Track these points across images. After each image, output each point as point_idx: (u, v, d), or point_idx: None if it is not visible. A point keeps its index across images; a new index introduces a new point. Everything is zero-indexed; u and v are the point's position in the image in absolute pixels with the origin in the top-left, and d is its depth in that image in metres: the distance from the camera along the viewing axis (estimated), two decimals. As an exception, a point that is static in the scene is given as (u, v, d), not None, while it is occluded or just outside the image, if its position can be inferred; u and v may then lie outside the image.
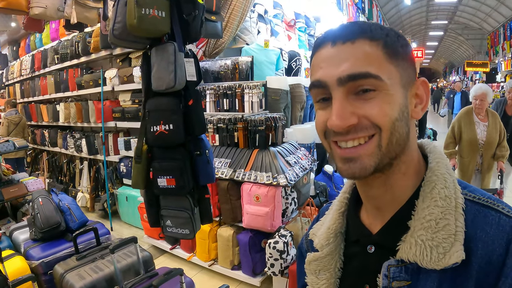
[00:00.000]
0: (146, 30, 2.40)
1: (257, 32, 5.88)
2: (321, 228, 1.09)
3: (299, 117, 5.82)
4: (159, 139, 2.59)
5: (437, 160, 0.93)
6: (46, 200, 3.50)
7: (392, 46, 0.86)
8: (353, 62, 0.82)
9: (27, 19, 4.26)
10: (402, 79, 0.86)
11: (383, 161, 0.85)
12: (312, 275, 1.07)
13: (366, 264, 0.96)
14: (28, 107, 9.25)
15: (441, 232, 0.82)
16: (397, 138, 0.84)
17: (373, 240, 0.95)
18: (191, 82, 2.62)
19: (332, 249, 1.04)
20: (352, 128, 0.83)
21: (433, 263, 0.81)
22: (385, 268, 0.88)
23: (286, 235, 3.93)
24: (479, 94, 5.29)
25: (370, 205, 0.99)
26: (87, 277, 2.80)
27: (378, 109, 0.82)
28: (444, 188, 0.87)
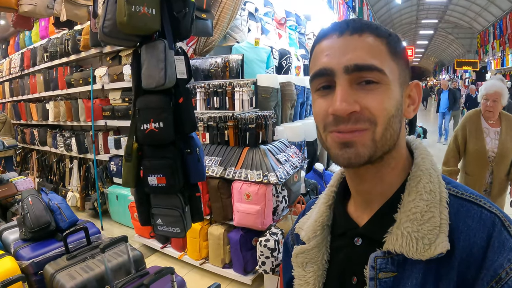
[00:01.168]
0: (136, 28, 2.38)
1: (248, 30, 5.88)
2: (307, 221, 1.11)
3: (290, 115, 5.83)
4: (149, 137, 2.58)
5: (422, 156, 0.96)
6: (36, 200, 3.47)
7: (394, 45, 0.89)
8: (360, 53, 0.85)
9: (16, 16, 4.22)
10: (400, 77, 0.90)
11: (377, 153, 0.87)
12: (299, 268, 1.08)
13: (353, 256, 0.97)
14: (18, 106, 9.16)
15: (426, 224, 0.85)
16: (391, 133, 0.87)
17: (360, 232, 0.97)
18: (181, 80, 2.61)
19: (319, 242, 1.05)
20: (354, 115, 0.84)
21: (419, 254, 0.83)
22: (372, 260, 0.89)
23: (277, 233, 3.93)
24: (491, 93, 4.00)
25: (359, 198, 1.01)
26: (77, 277, 2.78)
27: (378, 102, 0.85)
28: (429, 182, 0.90)
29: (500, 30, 23.39)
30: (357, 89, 0.85)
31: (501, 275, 0.77)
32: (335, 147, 0.88)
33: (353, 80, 0.85)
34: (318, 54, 0.91)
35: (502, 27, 23.10)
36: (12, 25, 4.56)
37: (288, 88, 5.60)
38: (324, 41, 0.90)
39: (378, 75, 0.84)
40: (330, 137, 0.89)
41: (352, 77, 0.85)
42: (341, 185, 1.10)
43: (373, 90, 0.85)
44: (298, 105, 6.18)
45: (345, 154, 0.87)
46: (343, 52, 0.86)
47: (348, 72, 0.84)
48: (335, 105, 0.84)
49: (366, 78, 0.84)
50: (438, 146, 12.88)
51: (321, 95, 0.91)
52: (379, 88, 0.85)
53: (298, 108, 6.23)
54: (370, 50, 0.85)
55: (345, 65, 0.84)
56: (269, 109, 4.93)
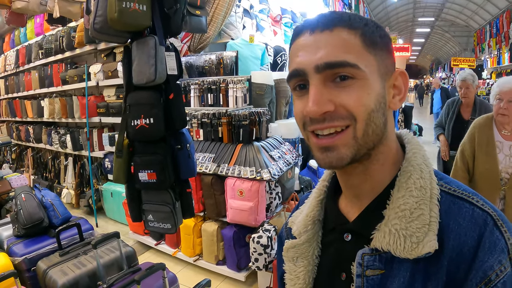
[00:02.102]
0: (127, 24, 2.38)
1: (243, 27, 5.85)
2: (299, 215, 1.10)
3: (284, 112, 5.81)
4: (140, 133, 2.59)
5: (414, 151, 0.94)
6: (29, 196, 3.48)
7: (371, 36, 0.86)
8: (330, 50, 0.82)
9: (10, 13, 4.22)
10: (379, 68, 0.87)
11: (360, 151, 0.86)
12: (290, 262, 1.07)
13: (343, 252, 0.96)
14: (13, 103, 9.16)
15: (415, 221, 0.83)
16: (373, 129, 0.85)
17: (349, 228, 0.96)
18: (172, 76, 2.62)
19: (310, 237, 1.04)
20: (328, 115, 0.83)
21: (406, 252, 0.82)
22: (359, 257, 0.88)
23: (270, 229, 3.94)
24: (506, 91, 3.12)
25: (349, 194, 1.00)
26: (70, 273, 2.80)
27: (355, 98, 0.82)
28: (420, 178, 0.88)
29: (497, 29, 23.39)
30: (332, 87, 0.83)
31: (490, 276, 0.76)
32: (317, 150, 0.88)
33: (326, 78, 0.83)
34: (293, 53, 0.89)
35: (498, 25, 23.10)
36: (6, 22, 4.56)
37: (283, 85, 5.57)
38: (298, 39, 0.89)
39: (352, 70, 0.82)
40: (311, 140, 0.89)
41: (324, 76, 0.83)
42: (333, 180, 1.09)
43: (349, 87, 0.83)
44: (292, 102, 6.13)
45: (326, 158, 0.86)
46: (313, 51, 0.84)
47: (319, 71, 0.83)
48: (307, 107, 0.83)
49: (340, 74, 0.82)
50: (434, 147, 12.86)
51: (298, 96, 0.90)
52: (355, 84, 0.82)
53: (293, 105, 6.17)
54: (342, 45, 0.83)
55: (315, 64, 0.83)
56: (263, 106, 4.91)
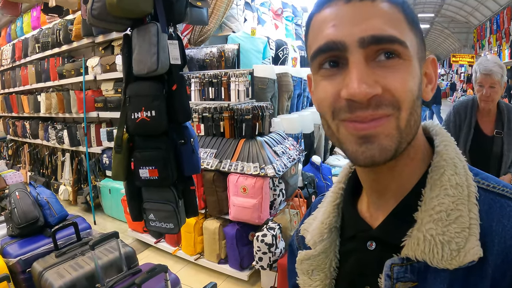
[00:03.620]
0: (127, 10, 2.25)
1: (244, 20, 5.81)
2: (313, 223, 0.97)
3: (286, 106, 5.75)
4: (141, 126, 2.46)
5: (445, 143, 0.80)
6: (24, 194, 3.37)
7: (411, 14, 0.73)
8: (376, 22, 0.68)
9: (3, 1, 4.11)
10: (418, 51, 0.74)
11: (402, 145, 0.72)
12: (304, 275, 0.95)
13: (366, 262, 0.83)
14: (9, 98, 9.08)
15: (453, 225, 0.70)
16: (415, 119, 0.73)
17: (374, 235, 0.82)
18: (175, 66, 2.48)
19: (327, 246, 0.91)
20: (374, 100, 0.68)
21: (445, 262, 0.68)
22: (388, 268, 0.75)
23: (275, 227, 3.83)
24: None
25: (373, 195, 0.86)
26: (66, 275, 2.70)
27: (401, 82, 0.69)
28: (455, 174, 0.75)
29: (497, 25, 23.32)
30: (375, 67, 0.69)
31: None
32: (353, 142, 0.72)
33: (369, 56, 0.69)
34: (320, 25, 0.74)
35: (499, 22, 23.04)
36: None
37: (285, 79, 5.51)
38: (327, 9, 0.73)
39: (400, 48, 0.69)
40: (344, 128, 0.72)
41: (368, 52, 0.69)
42: (349, 181, 0.95)
43: (395, 67, 0.69)
44: (295, 97, 6.11)
45: (367, 151, 0.70)
46: (355, 22, 0.69)
47: (364, 46, 0.68)
48: (351, 88, 0.67)
49: (385, 51, 0.69)
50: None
51: (327, 76, 0.74)
52: (402, 65, 0.69)
53: (295, 99, 6.15)
54: (388, 18, 0.69)
55: (360, 37, 0.68)
56: (265, 100, 4.83)
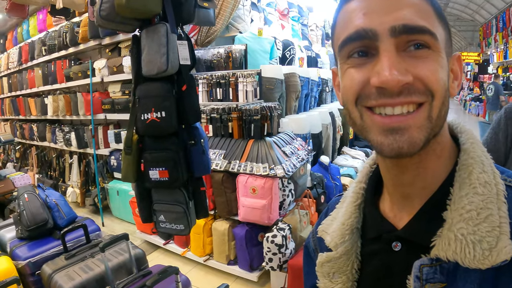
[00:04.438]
0: (136, 10, 2.24)
1: (250, 20, 5.78)
2: (332, 224, 0.95)
3: (294, 107, 5.72)
4: (151, 127, 2.44)
5: (471, 141, 0.79)
6: (32, 196, 3.36)
7: (439, 7, 0.74)
8: (407, 12, 0.68)
9: (10, 3, 4.11)
10: (446, 46, 0.74)
11: (430, 136, 0.71)
12: (325, 278, 0.93)
13: (391, 264, 0.81)
14: (16, 101, 9.11)
15: (483, 224, 0.68)
16: (446, 110, 0.73)
17: (400, 236, 0.80)
18: (184, 66, 2.46)
19: (348, 248, 0.89)
20: (406, 88, 0.68)
21: (477, 262, 0.67)
22: (417, 269, 0.73)
23: (285, 228, 3.80)
24: None
25: (397, 194, 0.84)
26: (76, 278, 2.68)
27: (433, 71, 0.69)
28: (483, 172, 0.73)
29: (503, 23, 23.20)
30: (405, 57, 0.69)
31: None
32: (378, 132, 0.71)
33: (400, 46, 0.69)
34: (350, 13, 0.73)
35: (505, 19, 22.93)
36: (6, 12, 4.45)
37: (293, 79, 5.48)
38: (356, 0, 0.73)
39: (430, 39, 0.68)
40: (370, 117, 0.72)
41: (399, 41, 0.68)
42: (370, 180, 0.94)
43: (425, 58, 0.69)
44: (303, 97, 6.07)
45: (395, 143, 0.69)
46: (386, 10, 0.69)
47: (395, 35, 0.68)
48: (383, 76, 0.67)
49: (416, 42, 0.68)
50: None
51: (356, 65, 0.73)
52: (431, 55, 0.69)
53: (303, 100, 6.12)
54: (418, 9, 0.69)
55: (391, 25, 0.68)
56: (273, 101, 4.80)
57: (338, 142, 7.30)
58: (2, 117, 10.35)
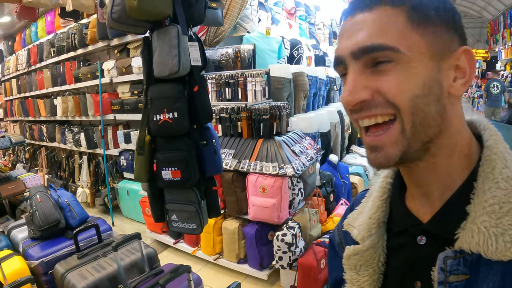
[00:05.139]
0: (147, 12, 2.25)
1: (258, 20, 5.77)
2: (359, 218, 0.97)
3: (303, 106, 5.73)
4: (163, 128, 2.46)
5: (494, 138, 0.81)
6: (45, 197, 3.38)
7: (421, 10, 0.75)
8: (367, 32, 0.75)
9: (20, 7, 4.14)
10: (432, 48, 0.75)
11: (412, 147, 0.76)
12: (351, 271, 0.94)
13: (416, 257, 0.83)
14: (25, 103, 9.15)
15: (506, 217, 0.71)
16: (421, 119, 0.75)
17: (424, 230, 0.83)
18: (195, 67, 2.48)
19: (375, 241, 0.91)
20: (365, 104, 0.76)
21: (499, 254, 0.69)
22: (441, 261, 0.75)
23: (294, 227, 3.82)
24: None
25: (417, 192, 0.87)
26: (89, 277, 2.68)
27: (393, 84, 0.74)
28: (505, 168, 0.75)
29: (511, 19, 23.04)
30: (370, 73, 0.76)
31: None
32: (366, 148, 0.82)
33: (366, 65, 0.76)
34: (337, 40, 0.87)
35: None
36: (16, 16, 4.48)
37: (301, 78, 5.49)
38: (342, 24, 0.82)
39: (391, 54, 0.73)
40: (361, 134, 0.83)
41: (363, 62, 0.76)
42: (397, 176, 0.96)
43: (388, 71, 0.74)
44: (311, 96, 6.07)
45: (375, 159, 0.79)
46: (350, 35, 0.77)
47: (356, 57, 0.76)
48: (342, 97, 0.79)
49: (379, 59, 0.74)
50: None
51: (343, 84, 0.82)
52: (395, 68, 0.73)
53: (311, 98, 6.12)
54: (380, 26, 0.74)
55: (351, 50, 0.76)
56: (282, 100, 4.82)
57: (347, 140, 7.32)
58: (11, 118, 10.40)
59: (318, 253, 3.72)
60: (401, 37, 0.73)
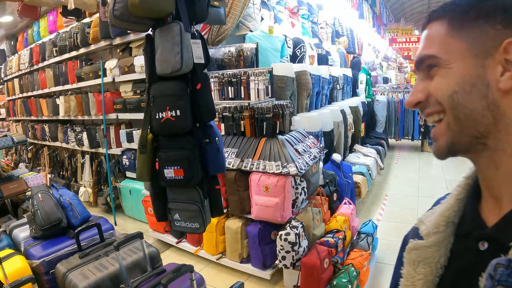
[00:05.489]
0: (149, 10, 2.22)
1: (261, 19, 5.76)
2: (432, 215, 0.95)
3: (305, 105, 5.72)
4: (165, 126, 2.42)
5: None
6: (46, 196, 3.37)
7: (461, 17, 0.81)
8: (421, 47, 0.88)
9: (22, 5, 4.12)
10: (473, 48, 0.78)
11: (460, 140, 0.81)
12: (409, 266, 0.92)
13: (475, 264, 0.77)
14: (28, 102, 9.14)
15: None
16: (466, 114, 0.78)
17: (487, 235, 0.78)
18: (198, 65, 2.44)
19: (440, 240, 0.88)
20: (421, 104, 0.87)
21: None
22: (492, 267, 0.68)
23: (298, 226, 3.80)
24: None
25: (486, 193, 0.85)
26: (91, 276, 2.67)
27: (437, 85, 0.83)
28: None
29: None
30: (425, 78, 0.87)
31: None
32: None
33: (423, 72, 0.87)
34: None
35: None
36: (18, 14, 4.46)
37: (304, 77, 5.47)
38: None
39: (433, 60, 0.84)
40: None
41: (421, 70, 0.88)
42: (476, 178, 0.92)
43: (433, 75, 0.84)
44: (314, 95, 6.06)
45: (433, 148, 0.89)
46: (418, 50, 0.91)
47: (417, 68, 0.90)
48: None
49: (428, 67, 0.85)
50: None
51: None
52: (437, 71, 0.83)
53: (314, 97, 6.11)
54: (428, 39, 0.87)
55: (414, 63, 0.92)
56: (284, 99, 4.80)
57: (350, 139, 7.29)
58: (14, 118, 10.40)
59: (322, 252, 3.69)
60: (441, 45, 0.82)
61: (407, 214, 6.00)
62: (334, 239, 3.97)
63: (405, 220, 5.66)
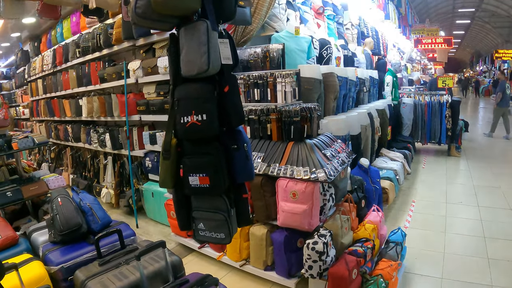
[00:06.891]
0: (173, 7, 2.10)
1: (286, 19, 5.66)
2: None
3: (333, 107, 5.60)
4: (191, 131, 2.29)
5: None
6: (66, 200, 3.28)
7: None
8: None
9: (41, 5, 4.07)
10: None
11: None
12: None
13: None
14: (51, 103, 9.22)
15: None
16: None
17: None
18: (226, 66, 2.31)
19: None
20: None
21: None
22: None
23: (326, 235, 3.66)
24: None
25: None
26: (110, 286, 2.56)
27: None
28: None
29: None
30: None
31: None
32: None
33: None
34: None
35: (543, 14, 22.38)
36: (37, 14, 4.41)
37: (331, 79, 5.35)
38: None
39: None
40: None
41: None
42: None
43: None
44: (341, 97, 5.94)
45: None
46: None
47: None
48: None
49: None
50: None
51: None
52: None
53: (341, 100, 5.99)
54: None
55: None
56: (312, 101, 4.67)
57: (377, 143, 7.14)
58: (37, 118, 10.51)
59: (350, 262, 3.55)
60: None
61: (436, 221, 5.79)
62: (363, 249, 3.82)
63: (434, 227, 5.50)
